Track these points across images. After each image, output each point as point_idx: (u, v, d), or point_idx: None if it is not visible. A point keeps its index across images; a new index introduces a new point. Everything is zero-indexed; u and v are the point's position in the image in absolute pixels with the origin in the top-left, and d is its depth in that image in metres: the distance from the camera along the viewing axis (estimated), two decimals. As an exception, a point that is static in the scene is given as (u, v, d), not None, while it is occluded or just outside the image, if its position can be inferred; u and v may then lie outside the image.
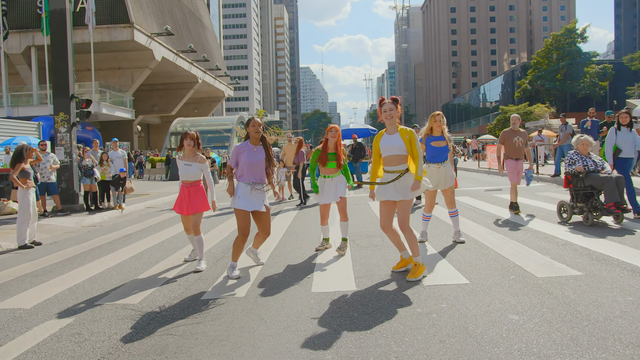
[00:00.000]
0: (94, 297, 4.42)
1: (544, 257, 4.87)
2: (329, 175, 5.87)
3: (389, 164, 4.45)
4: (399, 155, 4.40)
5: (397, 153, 4.39)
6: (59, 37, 11.50)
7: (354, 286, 4.27)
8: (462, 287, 4.02)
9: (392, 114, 4.37)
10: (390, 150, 4.40)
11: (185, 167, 5.55)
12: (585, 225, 6.57)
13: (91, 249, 7.06)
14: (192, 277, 4.97)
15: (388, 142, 4.42)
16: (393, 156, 4.40)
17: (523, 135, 8.05)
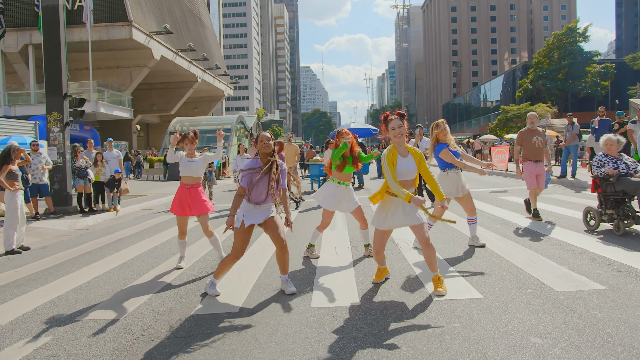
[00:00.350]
0: (77, 312, 4.09)
1: (561, 268, 4.53)
2: (344, 183, 5.52)
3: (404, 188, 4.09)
4: (412, 180, 4.11)
5: (411, 178, 4.09)
6: (51, 34, 11.17)
7: (357, 300, 3.94)
8: (476, 303, 3.69)
9: (401, 131, 3.99)
10: (406, 174, 4.06)
11: (188, 163, 5.36)
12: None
13: (81, 255, 6.73)
14: (184, 289, 4.64)
15: (405, 167, 4.05)
16: (408, 181, 4.09)
17: (542, 135, 7.41)
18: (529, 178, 7.32)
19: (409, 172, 4.04)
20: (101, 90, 30.94)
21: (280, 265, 4.30)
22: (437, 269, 4.02)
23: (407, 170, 4.03)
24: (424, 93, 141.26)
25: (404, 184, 4.06)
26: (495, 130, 51.59)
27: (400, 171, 4.03)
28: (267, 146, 4.16)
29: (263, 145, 4.17)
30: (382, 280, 4.44)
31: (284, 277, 4.33)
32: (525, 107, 49.28)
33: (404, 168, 4.03)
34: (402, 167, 4.03)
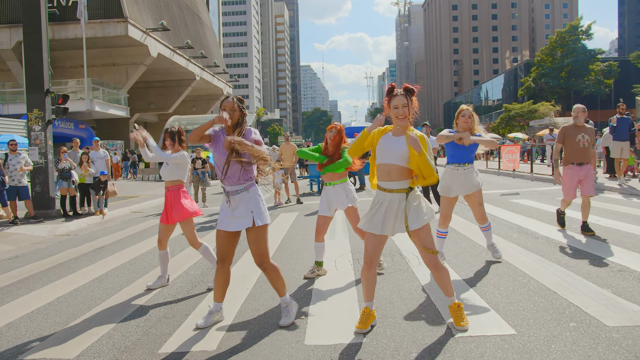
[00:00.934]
0: (22, 345, 3.39)
1: (603, 292, 3.81)
2: (330, 182, 4.79)
3: (384, 176, 3.22)
4: (397, 166, 3.17)
5: (396, 163, 3.17)
6: (31, 27, 10.45)
7: (360, 335, 3.22)
8: (509, 342, 2.98)
9: (404, 112, 3.15)
10: (388, 157, 3.19)
11: (165, 167, 4.78)
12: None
13: (51, 267, 6.03)
14: (156, 315, 3.93)
15: (389, 146, 3.20)
16: (390, 166, 3.18)
17: (590, 133, 6.03)
18: (569, 185, 6.14)
19: (393, 154, 3.15)
20: (96, 88, 30.24)
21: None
22: (453, 293, 3.29)
23: (391, 152, 3.16)
24: (424, 92, 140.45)
25: (383, 169, 3.20)
26: (497, 129, 50.86)
27: (382, 150, 3.22)
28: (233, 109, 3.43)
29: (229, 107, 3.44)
30: (368, 329, 3.30)
31: (282, 300, 3.58)
32: (528, 106, 48.57)
33: (388, 147, 3.19)
34: (384, 146, 3.21)
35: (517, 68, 70.04)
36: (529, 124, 45.94)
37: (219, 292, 3.56)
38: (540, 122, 42.92)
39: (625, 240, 5.66)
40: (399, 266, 5.06)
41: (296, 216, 9.53)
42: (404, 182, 3.19)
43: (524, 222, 7.28)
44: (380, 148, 3.23)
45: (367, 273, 3.26)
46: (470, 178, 4.82)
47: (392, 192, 3.20)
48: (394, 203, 3.19)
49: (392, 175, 3.19)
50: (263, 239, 3.40)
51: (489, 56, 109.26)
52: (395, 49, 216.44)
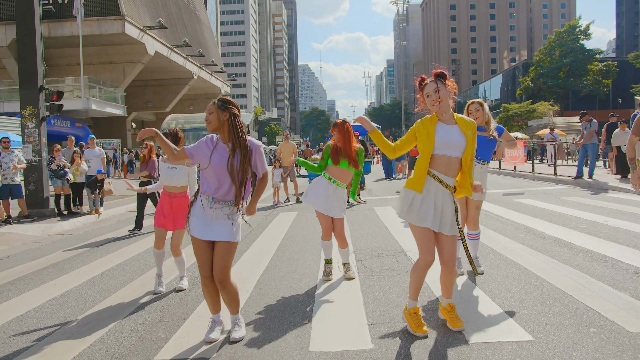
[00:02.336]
0: (13, 354, 3.19)
1: (621, 295, 3.64)
2: (339, 183, 4.46)
3: (444, 169, 3.00)
4: (456, 159, 2.99)
5: (455, 155, 2.97)
6: (25, 22, 10.22)
7: (368, 341, 3.04)
8: (527, 349, 2.80)
9: (441, 95, 2.93)
10: (448, 147, 2.96)
11: (168, 171, 4.52)
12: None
13: (43, 268, 5.83)
14: (152, 318, 3.74)
15: (446, 136, 2.96)
16: (451, 158, 2.99)
17: None
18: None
19: (453, 144, 2.95)
20: (93, 86, 29.99)
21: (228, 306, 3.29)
22: (451, 296, 3.19)
23: (450, 142, 2.95)
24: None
25: (440, 160, 2.98)
26: (496, 129, 50.76)
27: (440, 141, 2.96)
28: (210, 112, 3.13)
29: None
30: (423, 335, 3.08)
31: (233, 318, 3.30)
32: (526, 106, 48.51)
33: (445, 138, 2.95)
34: (442, 136, 2.96)
35: (515, 68, 70.02)
36: (528, 123, 45.86)
37: (214, 304, 3.30)
38: (538, 122, 42.84)
39: (637, 241, 5.49)
40: (403, 267, 4.88)
41: (296, 215, 9.35)
42: (454, 178, 3.05)
43: (530, 222, 7.11)
44: (439, 139, 2.97)
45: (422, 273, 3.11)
46: (483, 179, 4.36)
47: (445, 185, 3.01)
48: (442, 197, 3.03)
49: (449, 170, 3.00)
50: (230, 256, 3.13)
51: (487, 56, 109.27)
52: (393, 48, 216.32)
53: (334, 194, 4.45)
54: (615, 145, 12.54)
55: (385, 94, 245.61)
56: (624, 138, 12.03)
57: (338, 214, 4.46)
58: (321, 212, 4.46)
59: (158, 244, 4.58)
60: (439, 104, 2.95)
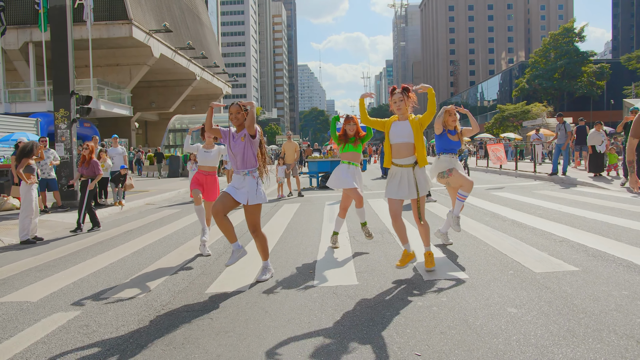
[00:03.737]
0: (100, 292, 4.49)
1: (542, 253, 4.96)
2: (353, 163, 5.82)
3: (398, 154, 4.41)
4: (407, 144, 4.39)
5: (405, 141, 4.38)
6: (59, 34, 11.53)
7: (355, 281, 4.35)
8: (461, 282, 4.11)
9: (400, 105, 4.36)
10: (399, 137, 4.39)
11: (204, 154, 6.04)
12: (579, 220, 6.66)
13: (93, 245, 7.12)
14: (196, 272, 5.04)
15: (398, 130, 4.42)
16: (402, 145, 4.38)
17: None
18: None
19: (402, 135, 4.36)
20: (101, 87, 31.27)
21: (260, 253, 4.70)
22: (429, 244, 4.54)
23: (401, 134, 4.36)
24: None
25: (398, 147, 4.39)
26: (491, 129, 52.11)
27: (394, 133, 4.41)
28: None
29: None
30: (406, 266, 4.54)
31: (264, 263, 4.70)
32: (521, 107, 49.78)
33: (397, 131, 4.38)
34: (395, 130, 4.40)
35: (512, 69, 71.33)
36: (522, 124, 47.19)
37: (229, 235, 4.50)
38: (532, 123, 44.13)
39: (575, 221, 6.82)
40: (386, 240, 6.20)
41: (299, 206, 10.65)
42: (410, 158, 4.39)
43: (497, 210, 8.43)
44: (393, 132, 4.42)
45: (396, 224, 4.49)
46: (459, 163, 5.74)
47: (402, 166, 4.39)
48: (405, 175, 4.39)
49: (401, 153, 4.38)
50: (255, 214, 4.47)
51: (485, 57, 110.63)
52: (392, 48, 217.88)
53: (355, 173, 5.81)
54: (590, 145, 13.41)
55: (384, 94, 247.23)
56: (598, 138, 13.20)
57: (357, 184, 5.78)
58: (348, 187, 5.70)
59: (197, 201, 6.01)
60: (399, 110, 4.41)
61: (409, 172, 4.40)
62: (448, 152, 5.53)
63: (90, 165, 8.30)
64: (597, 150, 13.16)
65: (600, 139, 13.10)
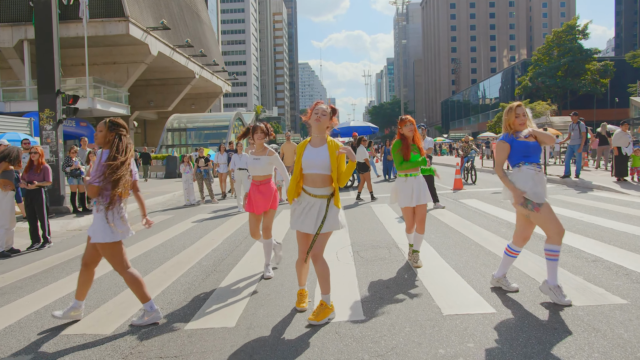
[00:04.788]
0: (61, 325, 3.83)
1: (576, 278, 4.29)
2: (412, 174, 5.00)
3: (312, 183, 3.62)
4: (321, 176, 3.59)
5: (319, 172, 3.58)
6: (44, 30, 10.85)
7: (361, 314, 3.70)
8: (489, 318, 3.45)
9: (323, 120, 3.59)
10: (311, 167, 3.59)
11: (253, 162, 5.18)
12: (626, 240, 5.99)
13: (71, 259, 6.47)
14: (177, 299, 4.39)
15: (311, 157, 3.61)
16: (315, 176, 3.59)
17: None
18: None
19: (316, 164, 3.55)
20: (98, 86, 30.60)
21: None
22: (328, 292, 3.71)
23: (313, 163, 3.56)
24: (422, 90, 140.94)
25: (309, 177, 3.60)
26: (494, 128, 51.40)
27: (305, 162, 3.61)
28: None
29: None
30: (306, 307, 3.85)
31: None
32: (525, 105, 48.98)
33: (310, 159, 3.60)
34: (307, 158, 3.61)
35: (514, 67, 70.58)
36: (525, 123, 46.44)
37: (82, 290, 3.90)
38: (536, 121, 43.44)
39: (602, 234, 6.14)
40: (395, 257, 5.53)
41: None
42: (325, 189, 3.62)
43: (513, 218, 7.75)
44: (305, 160, 3.62)
45: (301, 265, 3.81)
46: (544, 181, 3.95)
47: (316, 197, 3.61)
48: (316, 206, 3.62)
49: (315, 182, 3.60)
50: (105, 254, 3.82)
51: (487, 55, 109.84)
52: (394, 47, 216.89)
53: (414, 185, 4.98)
54: (616, 146, 12.26)
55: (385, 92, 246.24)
56: (625, 139, 12.23)
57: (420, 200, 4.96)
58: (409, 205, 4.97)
59: (252, 234, 5.18)
60: (318, 122, 3.60)
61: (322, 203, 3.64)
62: (529, 160, 3.85)
63: (41, 171, 7.45)
64: (622, 153, 12.14)
65: (627, 140, 12.17)
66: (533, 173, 3.80)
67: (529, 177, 3.81)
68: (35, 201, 7.48)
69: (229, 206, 11.78)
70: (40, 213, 7.51)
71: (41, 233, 7.58)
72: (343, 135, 20.57)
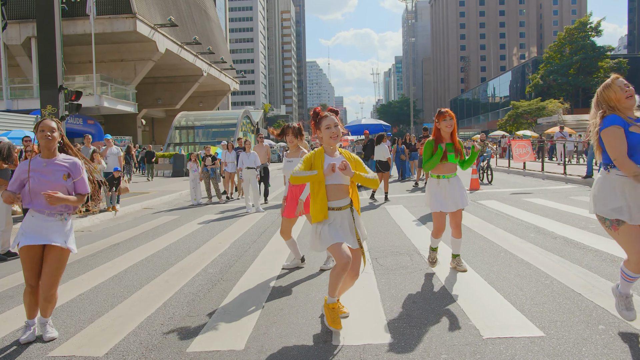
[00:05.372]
0: (49, 343, 3.41)
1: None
2: (445, 175, 4.55)
3: (335, 196, 3.42)
4: (344, 186, 3.46)
5: (342, 183, 3.43)
6: (46, 25, 10.48)
7: (387, 336, 3.22)
8: (538, 344, 2.96)
9: (337, 132, 3.39)
10: (335, 177, 3.40)
11: (287, 164, 5.11)
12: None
13: (69, 264, 6.05)
14: (179, 313, 3.95)
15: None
16: (338, 186, 3.43)
17: None
18: None
19: (338, 174, 3.36)
20: (105, 84, 30.39)
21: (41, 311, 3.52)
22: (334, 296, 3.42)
23: (335, 174, 3.36)
24: (431, 88, 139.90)
25: (334, 189, 3.42)
26: (505, 126, 50.60)
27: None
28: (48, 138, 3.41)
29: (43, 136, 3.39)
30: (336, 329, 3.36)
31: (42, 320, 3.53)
32: (536, 103, 48.29)
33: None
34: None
35: (524, 65, 69.62)
36: (537, 121, 45.67)
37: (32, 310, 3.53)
38: (548, 120, 42.66)
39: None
40: (418, 265, 5.06)
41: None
42: (345, 200, 3.46)
43: (539, 222, 7.25)
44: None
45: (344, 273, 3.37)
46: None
47: (340, 209, 3.43)
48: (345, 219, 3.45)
49: (338, 193, 3.43)
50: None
51: (496, 53, 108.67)
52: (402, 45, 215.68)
53: (447, 188, 4.53)
54: None
55: (393, 91, 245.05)
56: None
57: (455, 206, 4.51)
58: (435, 210, 4.56)
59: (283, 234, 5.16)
60: (337, 138, 3.42)
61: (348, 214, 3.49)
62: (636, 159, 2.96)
63: None
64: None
65: None
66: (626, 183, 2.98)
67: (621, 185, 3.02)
68: None
69: (236, 206, 11.36)
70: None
71: None
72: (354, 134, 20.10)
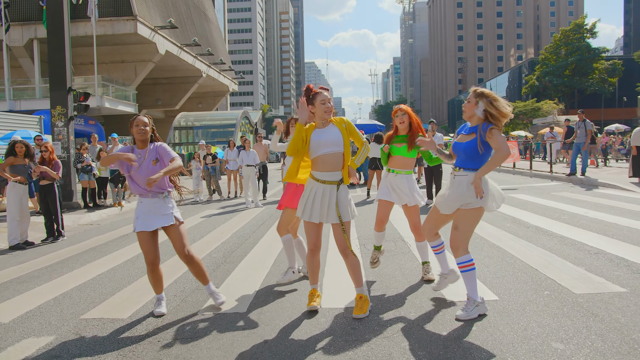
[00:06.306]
0: (80, 310, 4.00)
1: (578, 269, 4.40)
2: (394, 170, 4.22)
3: (325, 167, 3.45)
4: (338, 154, 3.48)
5: (334, 151, 3.46)
6: (55, 28, 11.06)
7: (368, 301, 3.82)
8: (492, 305, 3.56)
9: (330, 107, 3.48)
10: (326, 146, 3.42)
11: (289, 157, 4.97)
12: (629, 234, 6.08)
13: (85, 251, 6.65)
14: (189, 287, 4.54)
15: (321, 136, 3.46)
16: (331, 155, 3.43)
17: None
18: None
19: (326, 142, 3.40)
20: (106, 84, 30.89)
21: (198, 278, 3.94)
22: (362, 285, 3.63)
23: (324, 142, 3.40)
24: (429, 89, 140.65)
25: (319, 161, 3.45)
26: (502, 127, 51.17)
27: (314, 143, 3.44)
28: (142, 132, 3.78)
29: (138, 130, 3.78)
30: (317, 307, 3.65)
31: (207, 288, 3.94)
32: (531, 104, 48.90)
33: (318, 138, 3.44)
34: (316, 138, 3.45)
35: (521, 66, 70.29)
36: (532, 122, 46.33)
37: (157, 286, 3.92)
38: (543, 120, 43.33)
39: (606, 228, 6.23)
40: (400, 250, 5.66)
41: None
42: (336, 173, 3.48)
43: (517, 214, 7.85)
44: (315, 140, 3.46)
45: (312, 259, 3.66)
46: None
47: (326, 183, 3.47)
48: (327, 193, 3.48)
49: (331, 163, 3.44)
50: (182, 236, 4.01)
51: (494, 54, 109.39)
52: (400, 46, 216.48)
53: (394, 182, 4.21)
54: (635, 145, 12.02)
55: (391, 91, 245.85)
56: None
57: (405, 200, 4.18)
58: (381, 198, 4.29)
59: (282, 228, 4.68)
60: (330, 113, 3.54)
61: (332, 190, 3.50)
62: None
63: (52, 167, 7.56)
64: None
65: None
66: None
67: None
68: (49, 196, 7.67)
69: (236, 202, 11.95)
70: (54, 208, 7.69)
71: (55, 227, 7.77)
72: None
